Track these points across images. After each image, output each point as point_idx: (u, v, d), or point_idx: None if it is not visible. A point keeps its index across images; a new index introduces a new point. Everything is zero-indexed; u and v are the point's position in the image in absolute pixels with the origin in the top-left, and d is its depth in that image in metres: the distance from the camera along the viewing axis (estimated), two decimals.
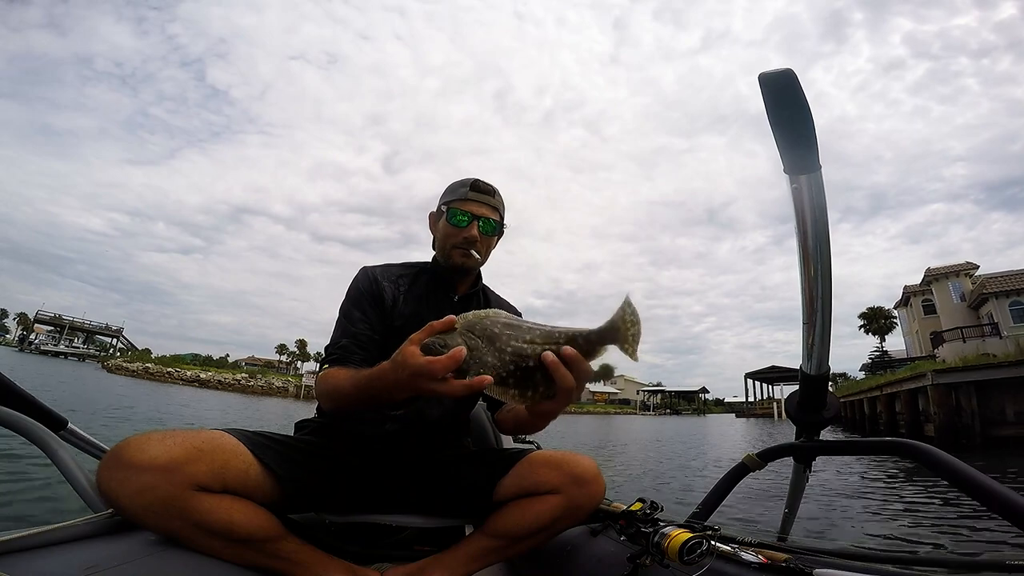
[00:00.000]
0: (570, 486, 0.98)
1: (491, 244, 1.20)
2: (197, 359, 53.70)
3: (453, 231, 1.14)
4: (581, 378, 0.72)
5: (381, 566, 1.01)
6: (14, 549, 0.70)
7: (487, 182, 1.18)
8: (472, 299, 1.23)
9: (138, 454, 0.78)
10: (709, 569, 0.77)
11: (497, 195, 1.18)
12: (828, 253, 0.83)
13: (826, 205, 0.79)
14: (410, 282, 1.20)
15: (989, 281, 21.88)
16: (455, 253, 1.15)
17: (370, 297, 1.14)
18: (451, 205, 1.15)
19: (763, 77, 0.69)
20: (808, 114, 0.71)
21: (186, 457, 0.79)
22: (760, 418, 44.59)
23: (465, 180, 1.18)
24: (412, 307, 1.14)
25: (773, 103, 0.70)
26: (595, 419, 40.00)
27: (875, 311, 41.13)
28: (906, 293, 29.28)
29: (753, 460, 1.11)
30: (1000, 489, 0.74)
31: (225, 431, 0.91)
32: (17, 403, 1.08)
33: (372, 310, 1.12)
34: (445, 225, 1.16)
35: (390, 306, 1.14)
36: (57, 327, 59.19)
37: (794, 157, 0.76)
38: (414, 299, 1.17)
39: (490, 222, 1.15)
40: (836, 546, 0.83)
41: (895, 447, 0.93)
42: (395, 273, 1.21)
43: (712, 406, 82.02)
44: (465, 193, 1.15)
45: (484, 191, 1.16)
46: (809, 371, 0.97)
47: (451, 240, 1.15)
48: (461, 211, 1.13)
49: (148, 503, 0.77)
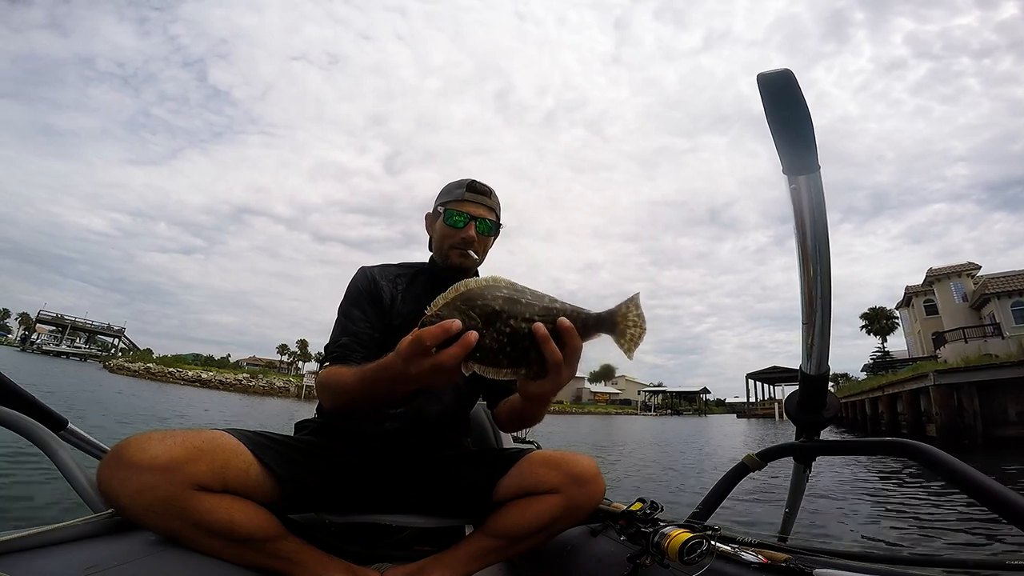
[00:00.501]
0: (570, 486, 0.98)
1: (488, 244, 1.20)
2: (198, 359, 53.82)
3: (450, 232, 1.14)
4: (571, 355, 0.70)
5: (381, 566, 1.01)
6: (14, 549, 0.70)
7: (483, 183, 1.18)
8: None
9: (139, 454, 0.78)
10: (709, 569, 0.77)
11: (493, 195, 1.19)
12: (827, 253, 0.83)
13: (825, 205, 0.79)
14: (408, 282, 1.20)
15: (991, 281, 21.82)
16: (452, 253, 1.15)
17: (368, 296, 1.14)
18: (448, 206, 1.15)
19: (761, 78, 0.69)
20: (807, 114, 0.71)
21: (186, 457, 0.79)
22: (761, 419, 44.54)
23: (462, 181, 1.18)
24: (410, 306, 1.14)
25: (771, 103, 0.70)
26: (596, 419, 39.99)
27: (877, 311, 41.11)
28: (908, 293, 29.23)
29: (753, 460, 1.11)
30: (1000, 489, 0.74)
31: (225, 431, 0.91)
32: (17, 403, 1.08)
33: (371, 309, 1.13)
34: (442, 226, 1.15)
35: (388, 305, 1.15)
36: (59, 327, 59.34)
37: (793, 157, 0.76)
38: (412, 298, 1.16)
39: (487, 222, 1.15)
40: (836, 546, 0.83)
41: (895, 447, 0.93)
42: (393, 273, 1.21)
43: (713, 407, 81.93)
44: (462, 194, 1.15)
45: (480, 192, 1.16)
46: (809, 371, 0.97)
47: (448, 241, 1.15)
48: (458, 212, 1.13)
49: (148, 503, 0.77)
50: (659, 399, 78.96)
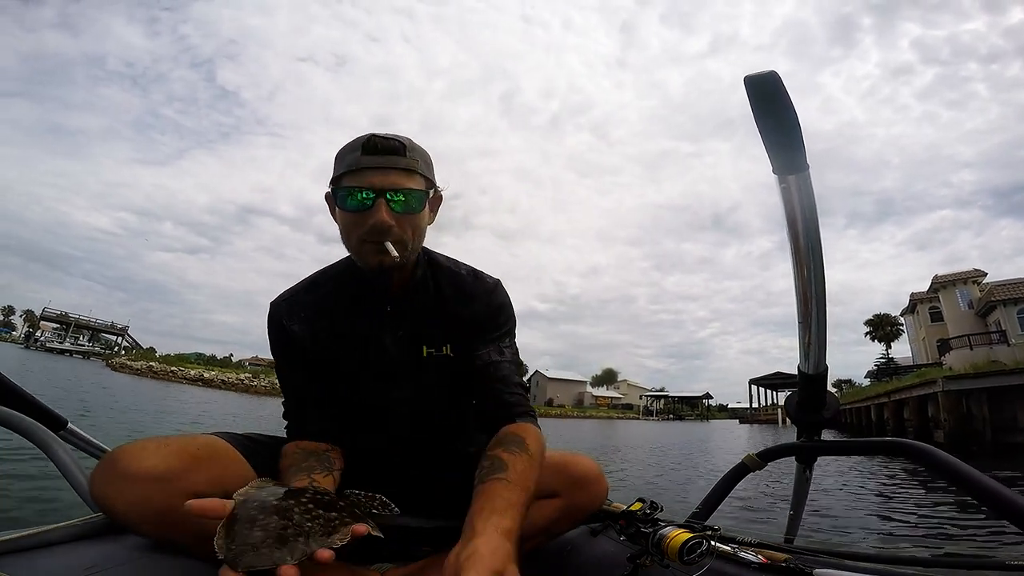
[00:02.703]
0: (571, 489, 0.96)
1: (418, 225, 0.87)
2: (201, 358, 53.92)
3: (353, 219, 0.83)
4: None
5: (381, 566, 1.01)
6: (14, 549, 0.70)
7: (389, 135, 0.84)
8: (415, 296, 0.96)
9: (133, 464, 0.74)
10: (709, 569, 0.77)
11: (408, 149, 0.84)
12: (820, 252, 0.84)
13: (816, 205, 0.80)
14: (322, 310, 0.95)
15: (997, 288, 21.69)
16: (366, 250, 0.85)
17: (283, 348, 0.95)
18: (342, 182, 0.83)
19: (748, 80, 0.70)
20: (794, 115, 0.71)
21: (183, 467, 0.76)
22: (764, 424, 44.30)
23: (356, 141, 0.84)
24: (333, 343, 0.94)
25: (759, 105, 0.71)
26: (597, 423, 39.86)
27: (881, 318, 40.89)
28: (913, 300, 29.09)
29: (753, 460, 1.11)
30: (1000, 489, 0.74)
31: (219, 435, 0.89)
32: (17, 403, 1.08)
33: (299, 361, 0.95)
34: (342, 213, 0.85)
35: (311, 349, 0.94)
36: (63, 324, 59.63)
37: (782, 158, 0.77)
38: (332, 335, 0.94)
39: (403, 194, 0.82)
40: (836, 546, 0.83)
41: (895, 447, 0.93)
42: (302, 303, 0.95)
43: (716, 412, 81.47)
44: (357, 159, 0.82)
45: (385, 149, 0.82)
46: (807, 370, 0.97)
47: (355, 233, 0.85)
48: (357, 188, 0.81)
49: (145, 513, 0.74)
50: (661, 404, 78.58)
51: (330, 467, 0.89)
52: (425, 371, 0.97)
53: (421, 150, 0.88)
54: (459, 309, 0.97)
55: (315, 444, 0.93)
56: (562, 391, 71.45)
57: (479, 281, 0.99)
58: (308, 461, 0.87)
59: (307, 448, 0.91)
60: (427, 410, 1.01)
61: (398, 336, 0.96)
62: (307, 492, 0.69)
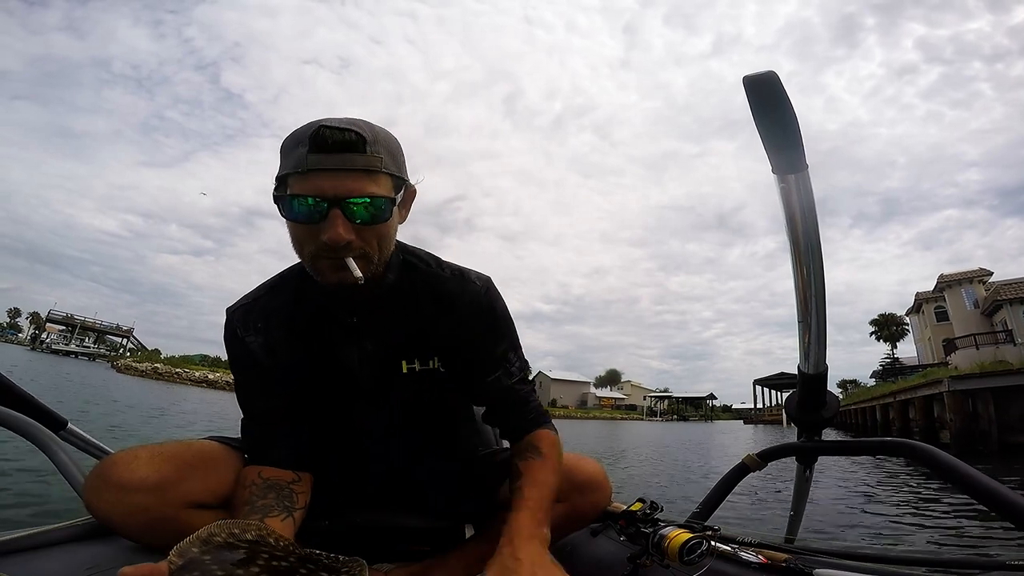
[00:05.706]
0: (573, 493, 0.95)
1: (385, 232, 0.73)
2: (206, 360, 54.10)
3: (304, 231, 0.70)
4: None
5: (382, 566, 1.01)
6: (14, 549, 0.71)
7: (344, 123, 0.67)
8: (387, 304, 0.84)
9: (127, 473, 0.73)
10: (709, 569, 0.77)
11: (369, 143, 0.67)
12: (819, 252, 0.84)
13: (815, 204, 0.80)
14: (279, 320, 0.84)
15: (1003, 288, 21.53)
16: (323, 267, 0.72)
17: (242, 362, 0.85)
18: (288, 185, 0.68)
19: (747, 80, 0.70)
20: (792, 115, 0.71)
21: (178, 476, 0.75)
22: (768, 424, 44.13)
23: (303, 131, 0.68)
24: (291, 358, 0.83)
25: (758, 105, 0.71)
26: (601, 424, 39.80)
27: (887, 318, 40.74)
28: (918, 300, 28.91)
29: (753, 460, 1.10)
30: (1000, 489, 0.74)
31: (217, 439, 0.88)
32: (17, 403, 1.08)
33: (257, 378, 0.85)
34: (291, 225, 0.71)
35: (269, 365, 0.83)
36: (69, 326, 60.01)
37: (781, 157, 0.77)
38: (290, 349, 0.83)
39: (363, 203, 0.67)
40: (836, 546, 0.83)
41: (896, 447, 0.93)
42: (258, 313, 0.84)
43: (720, 412, 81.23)
44: (303, 158, 0.66)
45: (339, 146, 0.66)
46: (807, 370, 0.97)
47: (308, 248, 0.71)
48: (304, 196, 0.67)
49: (141, 523, 0.73)
50: (665, 404, 78.43)
51: (291, 506, 0.78)
52: (404, 388, 0.88)
53: (386, 138, 0.71)
54: (442, 316, 0.85)
55: (279, 473, 0.82)
56: (566, 392, 71.44)
57: (465, 282, 0.87)
58: (266, 498, 0.77)
59: (269, 479, 0.80)
60: (408, 428, 0.94)
61: (366, 351, 0.84)
62: (261, 558, 0.55)
